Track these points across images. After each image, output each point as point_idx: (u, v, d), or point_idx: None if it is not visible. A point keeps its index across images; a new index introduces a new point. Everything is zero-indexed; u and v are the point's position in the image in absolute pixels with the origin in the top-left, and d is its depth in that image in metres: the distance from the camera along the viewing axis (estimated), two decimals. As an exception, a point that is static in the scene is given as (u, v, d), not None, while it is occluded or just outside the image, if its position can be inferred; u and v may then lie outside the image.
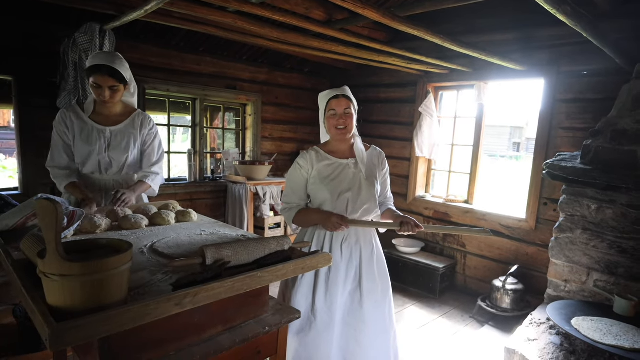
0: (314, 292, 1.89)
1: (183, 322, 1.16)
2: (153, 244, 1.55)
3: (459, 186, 4.38)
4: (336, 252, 1.90)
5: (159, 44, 3.68)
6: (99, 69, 2.03)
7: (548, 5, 1.82)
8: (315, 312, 1.87)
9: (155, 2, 2.01)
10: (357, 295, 1.91)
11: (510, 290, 3.26)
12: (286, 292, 1.94)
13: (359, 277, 1.92)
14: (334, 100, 1.89)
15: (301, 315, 1.73)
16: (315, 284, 1.89)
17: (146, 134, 2.32)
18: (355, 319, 1.90)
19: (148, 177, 2.27)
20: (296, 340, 1.86)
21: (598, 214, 2.50)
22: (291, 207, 1.94)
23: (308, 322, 1.88)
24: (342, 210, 1.88)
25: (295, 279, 1.89)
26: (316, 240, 1.94)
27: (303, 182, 1.94)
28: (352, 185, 1.90)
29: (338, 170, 1.92)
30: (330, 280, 1.89)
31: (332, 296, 1.88)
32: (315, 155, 1.94)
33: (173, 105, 4.27)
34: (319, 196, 1.91)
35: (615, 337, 1.95)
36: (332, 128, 1.91)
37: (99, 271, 0.92)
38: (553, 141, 3.36)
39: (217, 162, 4.49)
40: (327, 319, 1.87)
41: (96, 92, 2.08)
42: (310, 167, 1.92)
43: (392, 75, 4.43)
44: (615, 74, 2.90)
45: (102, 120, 2.19)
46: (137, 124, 2.28)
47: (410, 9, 2.68)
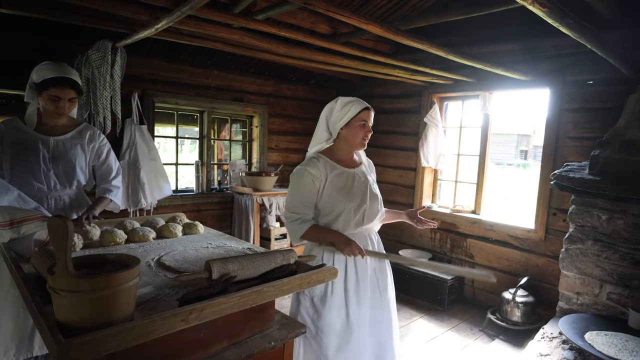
0: (347, 306, 1.83)
1: (189, 337, 1.16)
2: (160, 257, 1.56)
3: (465, 196, 4.35)
4: (360, 261, 1.86)
5: (168, 59, 3.74)
6: (60, 82, 1.95)
7: (551, 19, 1.83)
8: (351, 324, 1.83)
9: (166, 21, 2.06)
10: (376, 295, 1.92)
11: (520, 303, 3.21)
12: (314, 313, 1.84)
13: (375, 279, 1.93)
14: (366, 112, 1.85)
15: (336, 332, 1.80)
16: (347, 298, 1.83)
17: (96, 147, 2.22)
18: (380, 319, 1.92)
19: (110, 192, 2.21)
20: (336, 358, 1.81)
21: (609, 224, 2.46)
22: (303, 220, 1.82)
23: (346, 338, 1.82)
24: (358, 222, 1.86)
25: (324, 299, 1.82)
26: (337, 254, 1.84)
27: (315, 192, 1.83)
28: (366, 197, 1.88)
29: (350, 180, 1.88)
30: (360, 290, 1.86)
31: (363, 305, 1.86)
32: (325, 164, 1.86)
33: (181, 118, 4.33)
34: (336, 208, 1.83)
35: (631, 352, 1.90)
36: (357, 137, 1.86)
37: (107, 287, 0.93)
38: (560, 150, 3.33)
39: (223, 173, 4.52)
40: (362, 329, 1.85)
41: (53, 104, 1.99)
42: (324, 177, 1.83)
43: (396, 86, 4.44)
44: (621, 82, 2.89)
45: (46, 130, 2.08)
46: (85, 136, 2.18)
47: (413, 22, 2.71)
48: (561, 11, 1.85)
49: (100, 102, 2.89)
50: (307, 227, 1.80)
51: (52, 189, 2.08)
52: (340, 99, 1.88)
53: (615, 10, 2.84)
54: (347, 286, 1.84)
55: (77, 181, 2.16)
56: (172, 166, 4.23)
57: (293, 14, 3.04)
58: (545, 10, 1.76)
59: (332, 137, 1.91)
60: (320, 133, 1.93)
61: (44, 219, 1.51)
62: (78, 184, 2.18)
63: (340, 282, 1.82)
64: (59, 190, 2.11)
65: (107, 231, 1.75)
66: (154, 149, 3.60)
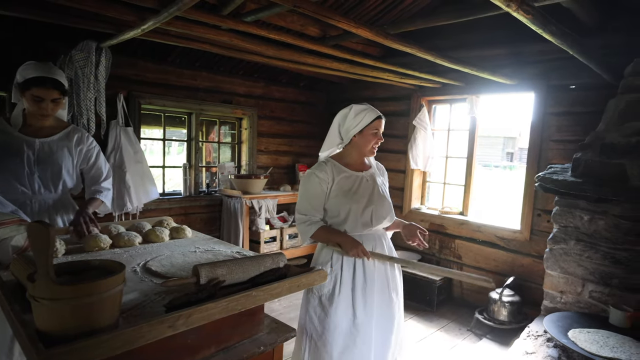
0: (353, 306, 1.88)
1: (176, 343, 1.15)
2: (146, 262, 1.54)
3: (454, 198, 4.39)
4: (369, 263, 1.91)
5: (156, 60, 3.71)
6: (42, 81, 1.90)
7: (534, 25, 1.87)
8: (357, 325, 1.87)
9: (152, 22, 2.04)
10: (385, 296, 1.96)
11: (507, 302, 3.26)
12: (321, 312, 1.88)
13: (386, 279, 1.97)
14: (378, 121, 1.92)
15: (342, 332, 1.84)
16: (354, 297, 1.88)
17: (85, 150, 2.17)
18: (385, 320, 1.96)
19: (100, 193, 2.15)
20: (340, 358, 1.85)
21: (591, 225, 2.52)
22: (312, 221, 1.89)
23: (352, 338, 1.87)
24: (366, 222, 1.91)
25: (331, 298, 1.87)
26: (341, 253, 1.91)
27: (323, 195, 1.90)
28: (372, 198, 1.93)
29: (357, 183, 1.94)
30: (367, 290, 1.89)
31: (370, 306, 1.90)
32: (333, 168, 1.93)
33: (168, 120, 4.28)
34: (342, 210, 1.89)
35: (612, 349, 1.95)
36: (369, 144, 1.93)
37: (90, 294, 0.91)
38: (545, 153, 3.39)
39: (212, 175, 4.49)
40: (368, 329, 1.89)
41: (36, 105, 1.94)
42: (331, 179, 1.90)
43: (386, 89, 4.47)
44: (602, 87, 2.95)
45: (31, 132, 2.02)
46: (73, 138, 2.12)
47: (402, 27, 2.73)
48: (544, 18, 1.89)
49: (84, 104, 2.85)
50: (316, 228, 1.88)
51: (37, 192, 2.03)
52: (354, 107, 1.93)
53: (596, 17, 2.92)
54: (355, 286, 1.88)
55: (62, 185, 2.11)
56: (159, 169, 4.18)
57: (282, 17, 3.04)
58: (529, 17, 1.79)
59: (343, 142, 1.98)
60: (332, 138, 2.00)
61: (20, 222, 1.48)
62: (64, 187, 2.13)
63: (348, 281, 1.88)
64: (43, 193, 2.06)
65: (91, 236, 1.72)
66: (140, 151, 3.55)
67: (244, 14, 2.48)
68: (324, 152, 2.05)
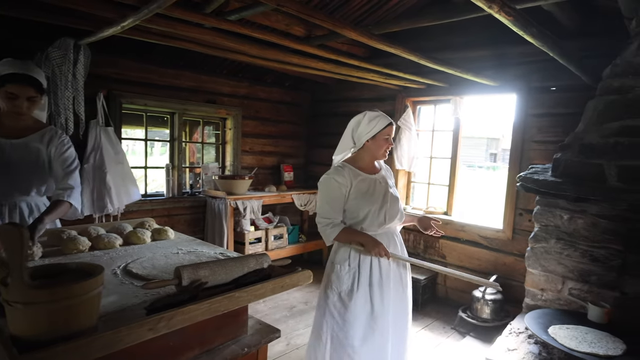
0: (371, 300, 2.01)
1: (158, 346, 1.13)
2: (127, 264, 1.51)
3: (438, 198, 4.44)
4: (384, 260, 2.04)
5: (137, 59, 3.64)
6: (17, 78, 1.83)
7: (516, 27, 1.90)
8: (375, 317, 2.01)
9: (132, 19, 2.00)
10: (399, 290, 2.12)
11: (489, 301, 3.31)
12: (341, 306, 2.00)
13: (399, 275, 2.12)
14: (390, 127, 2.04)
15: (362, 324, 1.99)
16: (371, 292, 2.01)
17: (55, 150, 2.03)
18: (401, 313, 2.12)
19: (62, 193, 1.93)
20: (361, 347, 1.98)
21: (570, 223, 2.57)
22: (334, 224, 1.99)
23: (370, 330, 2.00)
24: (381, 221, 2.04)
25: (350, 293, 1.99)
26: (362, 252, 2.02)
27: (342, 198, 2.01)
28: (386, 199, 2.07)
29: (372, 186, 2.06)
30: (384, 285, 2.03)
31: (387, 300, 2.04)
32: (350, 172, 2.03)
33: (151, 120, 4.22)
34: (361, 211, 2.01)
35: (590, 344, 1.99)
36: (381, 149, 2.06)
37: (67, 298, 0.89)
38: (526, 154, 3.45)
39: (196, 176, 4.44)
40: (385, 319, 2.03)
41: (11, 103, 1.86)
42: (349, 183, 2.00)
43: (371, 89, 4.49)
44: (582, 89, 3.02)
45: (5, 132, 1.93)
46: (45, 140, 2.02)
47: (387, 27, 2.75)
48: (525, 20, 1.92)
49: (61, 103, 2.77)
50: (339, 230, 1.98)
51: (8, 195, 1.95)
52: (368, 114, 2.05)
53: (577, 21, 2.99)
54: (372, 281, 2.02)
55: (35, 188, 2.03)
56: (141, 170, 4.11)
57: (267, 16, 3.02)
58: (511, 19, 1.82)
59: (355, 146, 2.10)
60: (345, 142, 2.13)
61: None
62: (37, 190, 2.04)
63: (365, 278, 2.02)
64: (15, 197, 1.97)
65: (69, 238, 1.68)
66: (121, 151, 3.48)
67: (227, 13, 2.46)
68: (338, 156, 2.18)
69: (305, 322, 3.44)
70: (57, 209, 1.87)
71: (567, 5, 2.76)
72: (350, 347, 1.97)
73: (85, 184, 3.19)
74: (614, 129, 2.24)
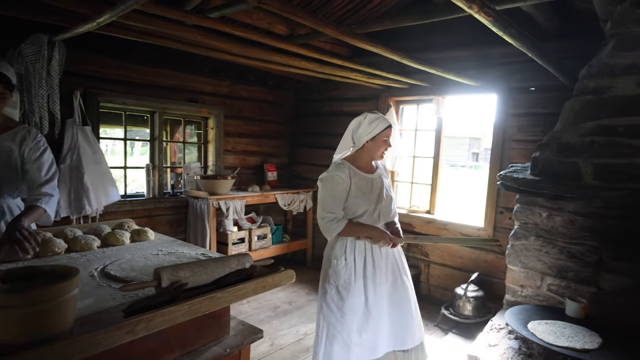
0: (365, 292, 2.12)
1: (137, 348, 1.10)
2: (105, 266, 1.48)
3: (421, 197, 4.48)
4: (377, 255, 2.16)
5: (115, 56, 3.56)
6: None
7: (495, 27, 1.93)
8: (369, 307, 2.12)
9: (109, 15, 1.95)
10: (398, 282, 2.23)
11: (471, 298, 3.35)
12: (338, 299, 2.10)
13: (397, 268, 2.24)
14: (390, 129, 2.13)
15: (358, 313, 2.10)
16: (365, 285, 2.12)
17: (28, 150, 1.95)
18: (401, 301, 2.23)
19: (39, 199, 1.86)
20: (357, 334, 2.09)
21: (549, 221, 2.63)
22: (338, 218, 2.07)
23: (365, 318, 2.11)
24: (375, 219, 2.14)
25: (348, 286, 2.10)
26: (358, 249, 2.13)
27: (344, 193, 2.08)
28: (381, 198, 2.16)
29: (369, 184, 2.15)
30: (377, 277, 2.15)
31: (380, 290, 2.15)
32: (349, 170, 2.12)
33: (130, 119, 4.14)
34: (360, 207, 2.10)
35: (568, 338, 2.04)
36: (379, 150, 2.15)
37: (40, 301, 0.86)
38: (507, 153, 3.51)
39: (177, 176, 4.37)
40: (379, 309, 2.14)
41: None
42: (348, 179, 2.09)
43: (355, 89, 4.50)
44: (560, 90, 3.08)
45: None
46: (18, 139, 1.94)
47: (370, 27, 2.75)
48: (505, 21, 1.95)
49: (35, 101, 2.68)
50: (343, 224, 2.07)
51: None
52: (368, 116, 2.14)
53: (554, 22, 3.05)
54: (366, 274, 2.13)
55: (6, 188, 1.95)
56: (120, 170, 4.03)
57: (249, 14, 2.99)
58: (490, 20, 1.84)
59: (355, 146, 2.18)
60: (345, 142, 2.23)
61: None
62: (9, 192, 1.97)
63: (360, 270, 2.12)
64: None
65: (44, 240, 1.62)
66: (99, 151, 3.40)
67: (208, 10, 2.43)
68: (338, 155, 2.26)
69: (289, 322, 3.42)
70: (33, 213, 1.81)
71: (546, 7, 2.81)
72: (347, 337, 2.08)
73: (62, 185, 3.10)
74: (590, 129, 2.29)
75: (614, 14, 2.26)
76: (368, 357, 2.13)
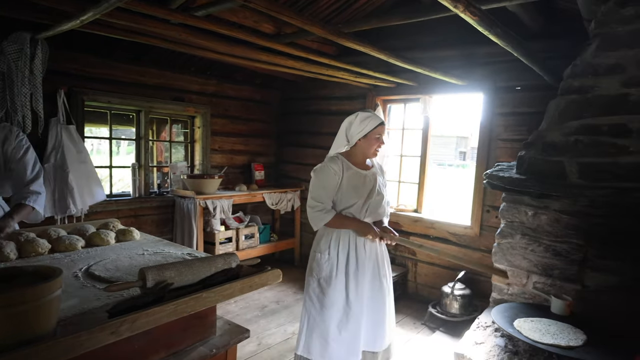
0: (346, 287, 2.15)
1: (122, 349, 1.09)
2: (89, 266, 1.45)
3: (408, 195, 4.50)
4: (361, 251, 2.19)
5: (100, 55, 3.51)
6: None
7: (481, 27, 1.95)
8: (350, 303, 2.15)
9: (92, 12, 1.91)
10: (376, 282, 2.24)
11: (458, 296, 3.38)
12: (319, 292, 2.15)
13: (377, 268, 2.25)
14: (381, 127, 2.17)
15: (339, 309, 2.14)
16: (347, 280, 2.15)
17: (11, 149, 1.99)
18: (377, 301, 2.24)
19: (27, 198, 1.92)
20: (337, 330, 2.13)
21: (534, 219, 2.66)
22: (327, 209, 2.11)
23: (345, 313, 2.15)
24: (363, 214, 2.17)
25: (329, 280, 2.13)
26: (342, 244, 2.17)
27: (335, 185, 2.13)
28: (372, 194, 2.19)
29: (361, 180, 2.18)
30: (359, 274, 2.17)
31: (361, 287, 2.18)
32: (343, 163, 2.17)
33: (116, 117, 4.07)
34: (348, 201, 2.14)
35: (553, 336, 2.06)
36: (372, 148, 2.18)
37: (22, 302, 0.85)
38: (493, 152, 3.55)
39: (164, 176, 4.32)
40: (359, 306, 2.16)
41: None
42: (341, 173, 2.14)
43: (342, 88, 4.50)
44: (545, 89, 3.13)
45: None
46: (0, 138, 1.98)
47: (356, 26, 2.76)
48: (490, 20, 1.97)
49: (18, 99, 2.62)
50: (332, 216, 2.11)
51: None
52: (360, 114, 2.18)
53: (539, 22, 3.09)
54: (348, 271, 2.16)
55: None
56: (106, 169, 3.97)
57: (235, 12, 2.97)
58: (476, 19, 1.86)
59: (349, 144, 2.23)
60: (339, 140, 2.27)
61: None
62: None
63: (342, 266, 2.16)
64: None
65: (27, 241, 1.59)
66: (84, 150, 3.35)
67: (194, 8, 2.40)
68: (332, 152, 2.30)
69: (277, 321, 3.41)
70: (21, 211, 1.86)
71: (531, 6, 2.85)
72: (326, 331, 2.11)
73: (46, 184, 3.03)
74: (575, 128, 2.33)
75: (598, 14, 2.29)
76: None
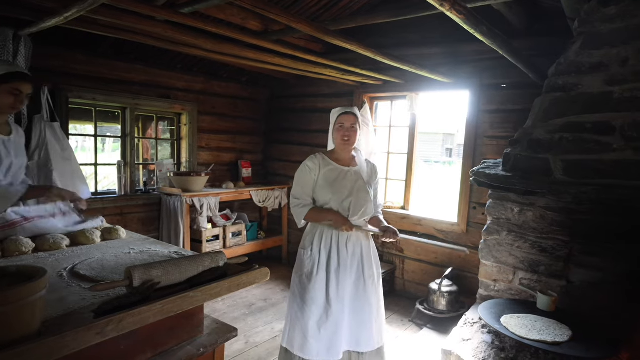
0: (327, 285, 2.16)
1: (108, 350, 1.07)
2: (74, 266, 1.43)
3: (395, 192, 4.53)
4: (343, 250, 2.19)
5: (85, 51, 3.45)
6: (22, 76, 1.89)
7: (467, 25, 1.97)
8: (330, 301, 2.15)
9: (76, 9, 1.87)
10: (360, 282, 2.24)
11: (445, 293, 3.41)
12: (302, 288, 2.18)
13: (361, 268, 2.24)
14: (343, 116, 2.19)
15: (319, 306, 2.15)
16: (328, 278, 2.17)
17: None
18: (360, 302, 2.23)
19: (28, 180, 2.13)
20: (316, 327, 2.14)
21: (520, 216, 2.69)
22: (304, 204, 2.18)
23: (325, 311, 2.15)
24: (344, 210, 2.18)
25: (310, 276, 2.16)
26: (324, 242, 2.19)
27: (311, 182, 2.19)
28: (352, 190, 2.19)
29: (341, 176, 2.21)
30: (340, 273, 2.18)
31: (342, 286, 2.18)
32: (321, 160, 2.22)
33: (101, 115, 4.01)
34: (324, 197, 2.17)
35: (539, 332, 2.08)
36: (338, 138, 2.21)
37: (5, 303, 0.83)
38: (479, 149, 3.59)
39: (150, 173, 4.27)
40: (340, 305, 2.17)
41: (11, 99, 1.88)
42: (318, 169, 2.19)
43: (329, 85, 4.50)
44: (530, 87, 3.18)
45: None
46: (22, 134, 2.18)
47: (343, 23, 2.76)
48: (476, 19, 1.99)
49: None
50: (308, 210, 2.17)
51: None
52: (332, 111, 2.26)
53: (524, 20, 3.13)
54: (330, 269, 2.17)
55: None
56: (91, 167, 3.91)
57: (222, 9, 2.95)
58: (462, 17, 1.88)
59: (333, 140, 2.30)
60: (330, 139, 2.33)
61: None
62: None
63: (324, 264, 2.18)
64: None
65: (10, 240, 1.56)
66: (69, 148, 3.28)
67: (180, 5, 2.38)
68: None
69: (265, 319, 3.41)
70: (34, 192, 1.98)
71: (516, 5, 2.88)
72: (306, 327, 2.13)
73: (30, 182, 2.99)
74: (559, 125, 2.36)
75: (581, 13, 2.33)
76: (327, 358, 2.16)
